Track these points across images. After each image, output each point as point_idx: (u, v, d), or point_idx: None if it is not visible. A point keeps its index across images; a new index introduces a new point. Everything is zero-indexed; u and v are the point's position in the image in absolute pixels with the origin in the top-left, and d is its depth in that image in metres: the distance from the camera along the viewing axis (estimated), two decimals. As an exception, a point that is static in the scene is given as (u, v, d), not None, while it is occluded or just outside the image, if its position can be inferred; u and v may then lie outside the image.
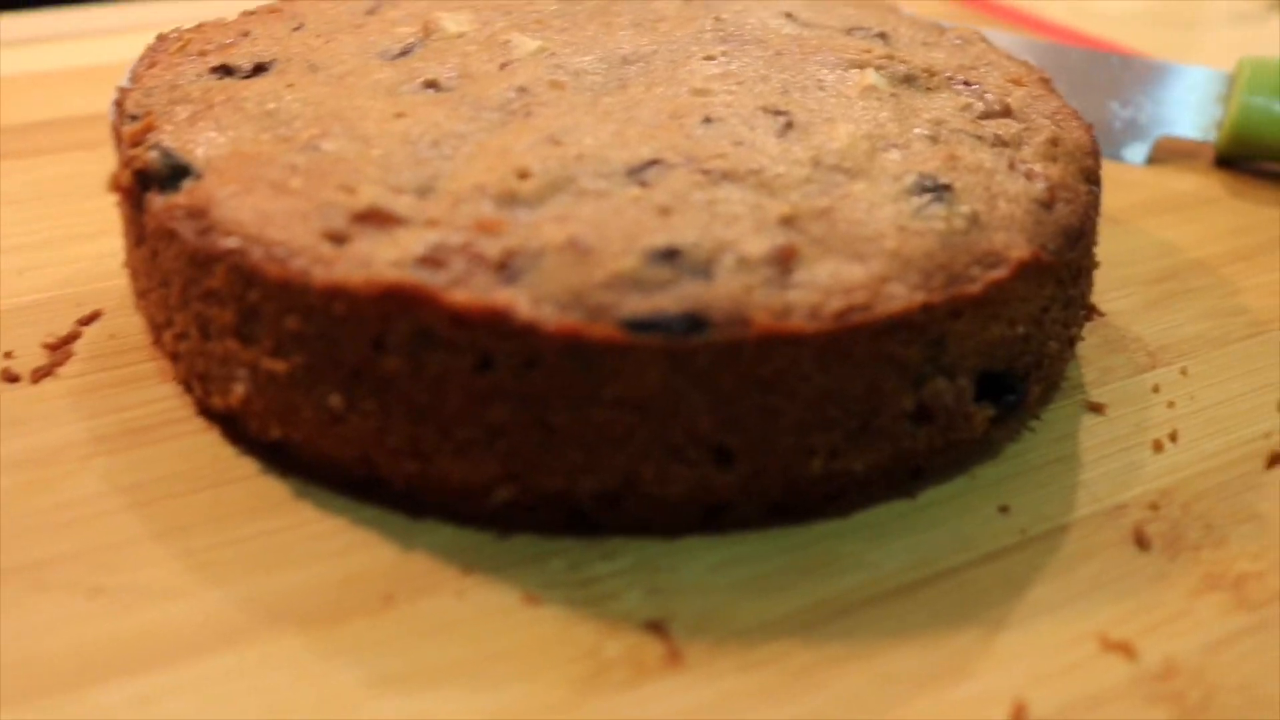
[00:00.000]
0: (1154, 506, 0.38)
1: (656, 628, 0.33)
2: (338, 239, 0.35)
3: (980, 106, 0.44)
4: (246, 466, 0.37)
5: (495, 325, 0.33)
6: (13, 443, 0.38)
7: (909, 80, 0.45)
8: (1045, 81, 0.48)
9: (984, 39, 0.51)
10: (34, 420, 0.39)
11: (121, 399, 0.40)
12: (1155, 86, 0.64)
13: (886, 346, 0.35)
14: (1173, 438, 0.41)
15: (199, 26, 0.46)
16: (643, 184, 0.37)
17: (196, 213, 0.36)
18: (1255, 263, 0.53)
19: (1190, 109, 0.63)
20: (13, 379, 0.40)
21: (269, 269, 0.34)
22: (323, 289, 0.34)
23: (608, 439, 0.34)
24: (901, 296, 0.35)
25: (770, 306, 0.34)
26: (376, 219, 0.35)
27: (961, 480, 0.39)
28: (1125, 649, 0.33)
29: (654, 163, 0.37)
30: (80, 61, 0.65)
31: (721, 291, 0.34)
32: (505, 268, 0.34)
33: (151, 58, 0.44)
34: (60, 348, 0.42)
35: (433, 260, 0.34)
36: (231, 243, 0.35)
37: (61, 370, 0.41)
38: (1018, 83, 0.47)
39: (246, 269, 0.35)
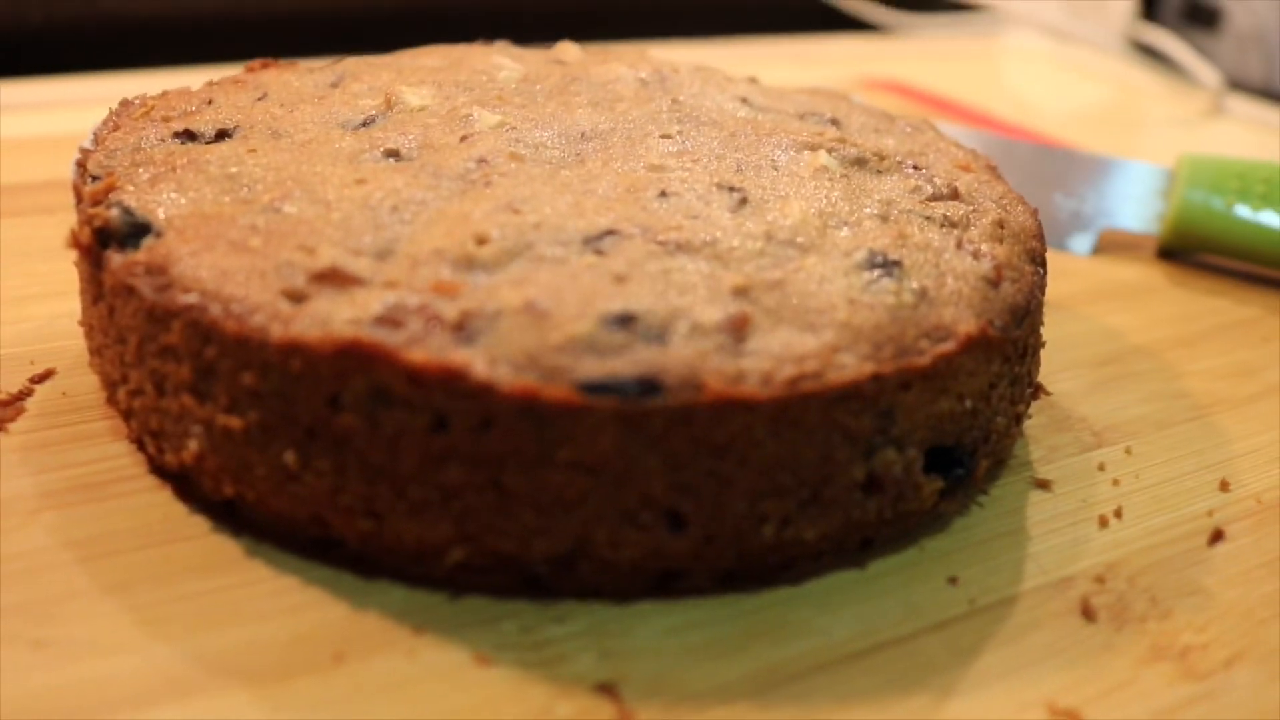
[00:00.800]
0: (1100, 580, 0.39)
1: (608, 690, 0.33)
2: (296, 297, 0.35)
3: (929, 189, 0.45)
4: (198, 525, 0.37)
5: (451, 384, 0.33)
6: (-42, 496, 0.37)
7: (860, 163, 0.46)
8: (992, 169, 0.50)
9: (934, 128, 0.53)
10: (-19, 475, 0.38)
11: (72, 455, 0.39)
12: (1099, 180, 0.65)
13: (837, 415, 0.36)
14: (1118, 514, 0.42)
15: (163, 94, 0.47)
16: (599, 252, 0.37)
17: (156, 269, 0.37)
18: (1196, 349, 0.54)
19: (1133, 202, 0.64)
20: (-38, 434, 0.40)
21: (226, 325, 0.35)
22: (280, 345, 0.34)
23: (561, 502, 0.34)
24: (852, 366, 0.36)
25: (723, 372, 0.34)
26: (335, 279, 0.35)
27: (911, 551, 0.39)
28: (1073, 717, 0.34)
29: (610, 233, 0.38)
30: (40, 130, 0.66)
31: (676, 357, 0.34)
32: (462, 329, 0.34)
33: (115, 121, 0.45)
34: (11, 404, 0.41)
35: (390, 320, 0.34)
36: (190, 299, 0.35)
37: (12, 426, 0.40)
38: (966, 169, 0.48)
39: (204, 325, 0.35)
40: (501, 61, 0.51)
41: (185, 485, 0.38)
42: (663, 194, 0.41)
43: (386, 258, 0.37)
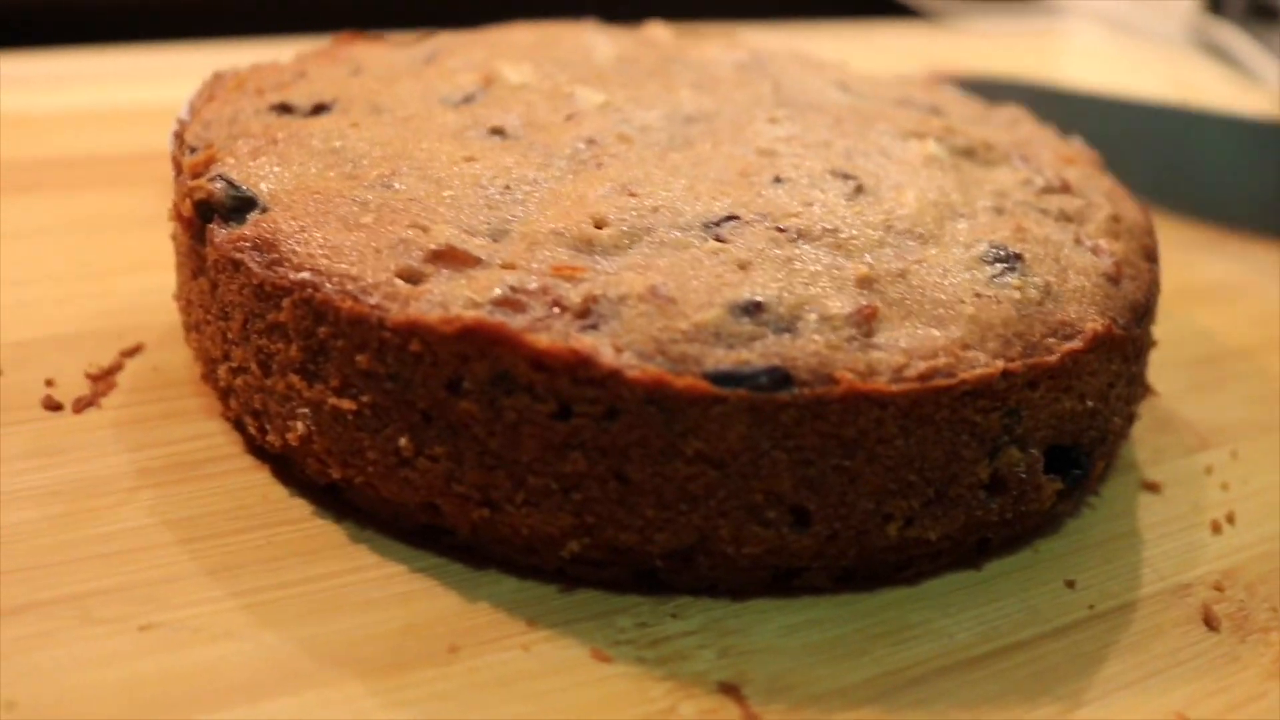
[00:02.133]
0: (1219, 587, 0.38)
1: (731, 690, 0.32)
2: (413, 277, 0.34)
3: (1040, 181, 0.43)
4: (299, 508, 0.36)
5: (577, 371, 0.32)
6: (55, 471, 0.36)
7: (968, 153, 0.45)
8: (1096, 161, 0.48)
9: (1030, 119, 0.51)
10: (77, 449, 0.37)
11: (167, 433, 0.38)
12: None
13: (967, 413, 0.34)
14: (1230, 519, 0.41)
15: (254, 67, 0.46)
16: (720, 239, 0.36)
17: (264, 245, 0.35)
18: (1291, 352, 0.53)
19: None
20: (54, 407, 0.39)
21: (342, 304, 0.34)
22: (399, 326, 0.33)
23: (686, 495, 0.33)
24: (982, 363, 0.35)
25: (854, 366, 0.33)
26: (452, 259, 0.34)
27: (1025, 553, 0.38)
28: (1207, 730, 0.33)
29: (730, 218, 0.37)
30: (124, 102, 0.64)
31: (806, 348, 0.33)
32: (587, 314, 0.33)
33: (209, 92, 0.43)
34: (103, 378, 0.40)
35: (511, 302, 0.33)
36: (302, 276, 0.34)
37: (104, 401, 0.39)
38: (1070, 161, 0.47)
39: (317, 303, 0.34)
40: (595, 40, 0.50)
41: (283, 466, 0.37)
42: (777, 179, 0.39)
43: (501, 238, 0.36)
